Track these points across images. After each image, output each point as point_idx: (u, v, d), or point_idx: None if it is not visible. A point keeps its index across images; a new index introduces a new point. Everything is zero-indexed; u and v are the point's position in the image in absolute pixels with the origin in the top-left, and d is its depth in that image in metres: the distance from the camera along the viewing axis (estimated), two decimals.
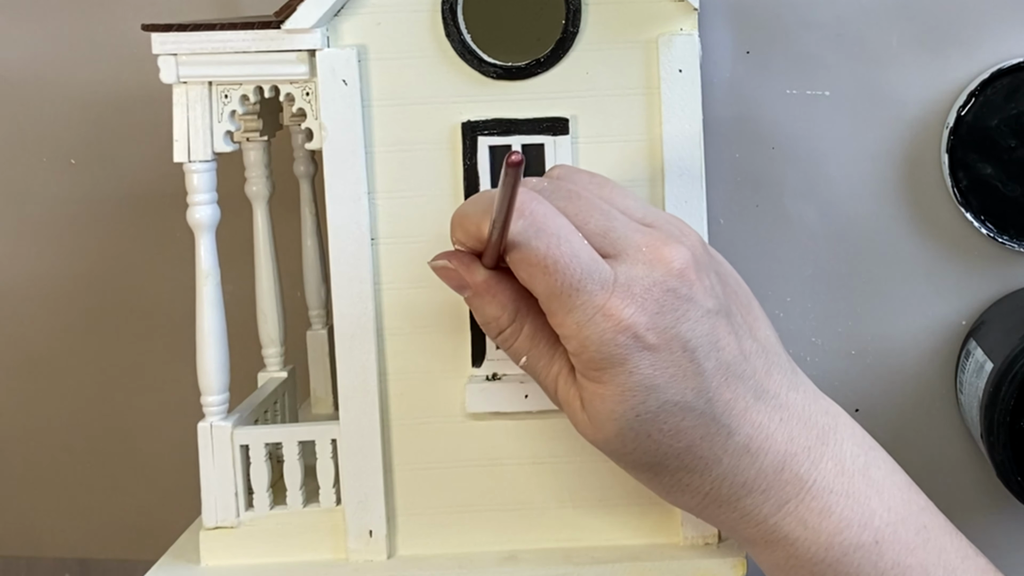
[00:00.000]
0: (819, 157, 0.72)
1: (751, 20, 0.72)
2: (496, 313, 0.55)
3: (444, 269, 0.55)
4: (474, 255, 0.55)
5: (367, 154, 0.61)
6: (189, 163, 0.61)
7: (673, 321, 0.52)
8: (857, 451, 0.55)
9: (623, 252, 0.53)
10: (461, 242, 0.55)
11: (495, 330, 0.55)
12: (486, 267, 0.55)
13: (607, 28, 0.60)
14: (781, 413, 0.54)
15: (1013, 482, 0.66)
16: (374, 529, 0.62)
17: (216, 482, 0.62)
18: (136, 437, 0.86)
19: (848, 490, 0.54)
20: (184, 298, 0.65)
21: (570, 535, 0.62)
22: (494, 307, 0.55)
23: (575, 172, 0.57)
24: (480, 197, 0.54)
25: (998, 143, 0.70)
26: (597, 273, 0.51)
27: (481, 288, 0.55)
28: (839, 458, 0.54)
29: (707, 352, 0.52)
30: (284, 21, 0.59)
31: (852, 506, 0.53)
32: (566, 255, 0.51)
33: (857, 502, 0.53)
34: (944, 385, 0.74)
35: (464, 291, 0.55)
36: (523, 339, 0.55)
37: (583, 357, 0.52)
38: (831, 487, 0.53)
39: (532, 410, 0.61)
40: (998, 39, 0.70)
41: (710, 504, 0.54)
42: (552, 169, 0.58)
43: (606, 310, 0.51)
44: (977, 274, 0.72)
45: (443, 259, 0.55)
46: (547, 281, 0.51)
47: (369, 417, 0.61)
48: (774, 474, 0.53)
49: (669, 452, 0.53)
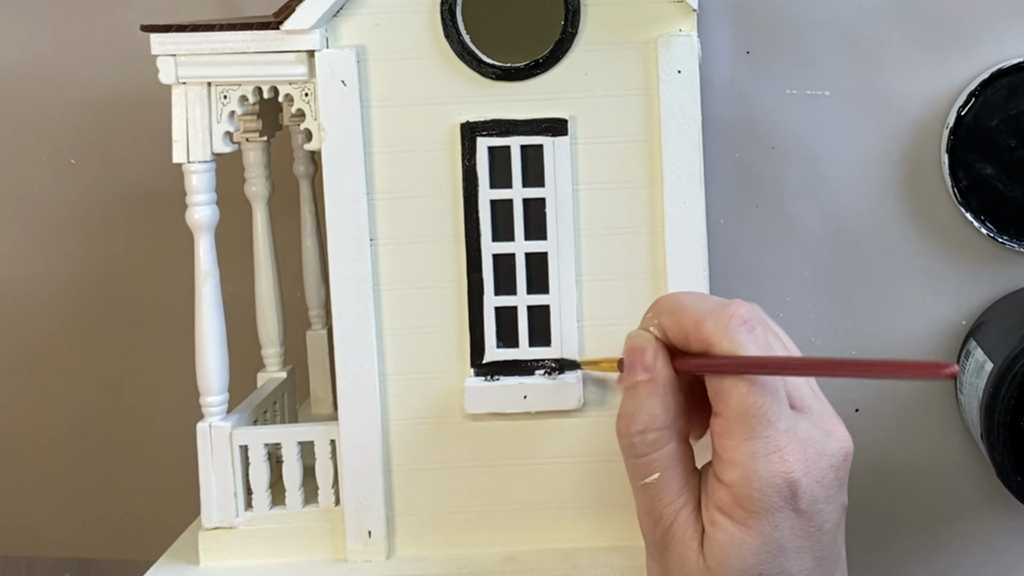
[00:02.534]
0: (819, 157, 0.72)
1: (751, 20, 0.72)
2: (656, 411, 0.52)
3: (646, 343, 0.53)
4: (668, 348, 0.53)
5: (366, 155, 0.61)
6: (188, 163, 0.61)
7: (824, 497, 0.51)
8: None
9: (808, 410, 0.52)
10: (663, 328, 0.53)
11: (642, 427, 0.52)
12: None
13: (606, 29, 0.60)
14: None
15: (1013, 482, 0.66)
16: (373, 529, 0.62)
17: (215, 482, 0.62)
18: (136, 437, 0.86)
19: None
20: (184, 298, 0.65)
21: (569, 536, 0.62)
22: (659, 404, 0.52)
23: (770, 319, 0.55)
24: (703, 297, 0.53)
25: (998, 143, 0.70)
26: (787, 417, 0.50)
27: (661, 378, 0.52)
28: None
29: (829, 541, 0.51)
30: (283, 22, 0.59)
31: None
32: (772, 384, 0.50)
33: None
34: (944, 385, 0.74)
35: (641, 374, 0.53)
36: (665, 453, 0.52)
37: (741, 491, 0.50)
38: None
39: (531, 411, 0.61)
40: (998, 39, 0.70)
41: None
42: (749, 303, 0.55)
43: (784, 453, 0.50)
44: (977, 274, 0.72)
45: (646, 337, 0.53)
46: (746, 398, 0.50)
47: (368, 417, 0.61)
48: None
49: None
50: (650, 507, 0.52)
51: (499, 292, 0.61)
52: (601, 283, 0.61)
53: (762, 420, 0.50)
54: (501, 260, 0.61)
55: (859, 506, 0.74)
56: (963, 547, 0.74)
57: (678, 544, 0.52)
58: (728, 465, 0.50)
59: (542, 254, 0.61)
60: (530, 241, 0.61)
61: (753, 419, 0.50)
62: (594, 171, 0.60)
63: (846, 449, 0.52)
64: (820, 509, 0.51)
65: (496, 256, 0.61)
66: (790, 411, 0.51)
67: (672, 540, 0.52)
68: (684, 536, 0.51)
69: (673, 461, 0.52)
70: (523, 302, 0.61)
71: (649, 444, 0.52)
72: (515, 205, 0.61)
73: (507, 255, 0.61)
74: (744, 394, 0.50)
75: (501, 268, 0.61)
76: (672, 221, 0.60)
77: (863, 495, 0.74)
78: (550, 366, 0.61)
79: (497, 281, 0.61)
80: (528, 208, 0.61)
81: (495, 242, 0.61)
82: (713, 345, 0.51)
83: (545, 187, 0.60)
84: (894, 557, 0.75)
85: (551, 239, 0.61)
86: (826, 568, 0.52)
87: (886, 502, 0.74)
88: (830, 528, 0.51)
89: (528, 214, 0.61)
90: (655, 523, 0.52)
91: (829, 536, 0.51)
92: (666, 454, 0.52)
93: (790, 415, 0.51)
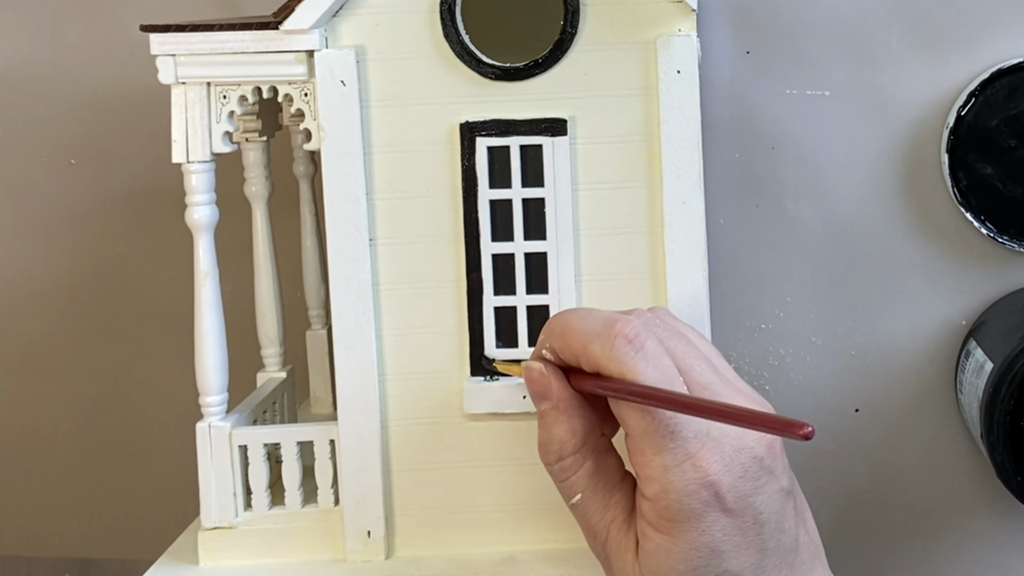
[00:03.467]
0: (819, 157, 0.72)
1: (751, 20, 0.72)
2: (564, 437, 0.53)
3: (538, 374, 0.54)
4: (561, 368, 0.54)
5: (365, 155, 0.61)
6: (188, 163, 0.61)
7: (752, 489, 0.50)
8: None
9: None
10: (555, 351, 0.54)
11: (555, 455, 0.53)
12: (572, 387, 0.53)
13: (605, 29, 0.60)
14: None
15: (1013, 482, 0.66)
16: (372, 529, 0.62)
17: (214, 482, 0.62)
18: (136, 437, 0.86)
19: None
20: (183, 298, 0.65)
21: (568, 536, 0.62)
22: (565, 429, 0.53)
23: (676, 318, 0.56)
24: (592, 315, 0.53)
25: (998, 143, 0.70)
26: (694, 422, 0.50)
27: (562, 405, 0.53)
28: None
29: (772, 530, 0.51)
30: (282, 22, 0.59)
31: None
32: None
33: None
34: (944, 385, 0.74)
35: (543, 403, 0.54)
36: (582, 475, 0.53)
37: (660, 504, 0.50)
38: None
39: (530, 411, 0.61)
40: (998, 39, 0.70)
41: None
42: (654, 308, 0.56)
43: (696, 460, 0.50)
44: (977, 274, 0.72)
45: (540, 365, 0.54)
46: (642, 417, 0.50)
47: (368, 417, 0.61)
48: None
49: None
50: (584, 524, 0.54)
51: (498, 292, 0.61)
52: (600, 283, 0.61)
53: (666, 434, 0.50)
54: (500, 260, 0.61)
55: (859, 506, 0.74)
56: (963, 547, 0.74)
57: (616, 556, 0.53)
58: (645, 481, 0.51)
59: (541, 254, 0.61)
60: (529, 241, 0.61)
61: (656, 434, 0.50)
62: (594, 171, 0.60)
63: (768, 437, 0.51)
64: (751, 503, 0.50)
65: (495, 256, 0.61)
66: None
67: (610, 553, 0.53)
68: (619, 548, 0.52)
69: (592, 480, 0.53)
70: (522, 302, 0.61)
71: (566, 469, 0.53)
72: (514, 205, 0.61)
73: (506, 255, 0.61)
74: (642, 414, 0.50)
75: (500, 268, 0.61)
76: (672, 221, 0.60)
77: (863, 495, 0.74)
78: None
79: (496, 281, 0.61)
80: (527, 208, 0.61)
81: (494, 242, 0.61)
82: (602, 368, 0.51)
83: (544, 187, 0.60)
84: (894, 557, 0.75)
85: (550, 239, 0.61)
86: (778, 557, 0.51)
87: (886, 502, 0.74)
88: (770, 517, 0.51)
89: (527, 214, 0.61)
90: (593, 538, 0.54)
91: (771, 525, 0.51)
92: (584, 475, 0.53)
93: (697, 421, 0.50)
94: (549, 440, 0.54)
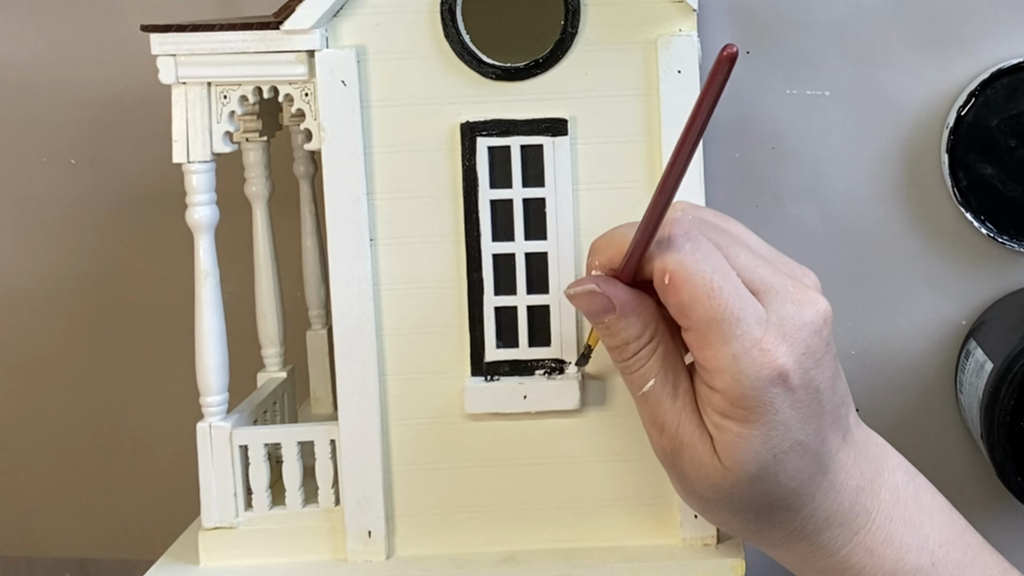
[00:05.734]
0: (819, 157, 0.72)
1: (751, 20, 0.72)
2: (638, 332, 0.53)
3: (590, 294, 0.53)
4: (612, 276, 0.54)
5: (366, 155, 0.61)
6: (188, 164, 0.61)
7: (813, 363, 0.52)
8: (907, 479, 0.56)
9: (771, 290, 0.52)
10: (603, 267, 0.54)
11: (634, 349, 0.53)
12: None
13: (606, 29, 0.60)
14: (855, 450, 0.55)
15: (1013, 482, 0.66)
16: (373, 529, 0.62)
17: (215, 482, 0.62)
18: (136, 437, 0.86)
19: (905, 517, 0.55)
20: (184, 298, 0.65)
21: (569, 536, 0.62)
22: (637, 327, 0.53)
23: (703, 208, 0.56)
24: (624, 227, 0.54)
25: (998, 143, 0.70)
26: (754, 308, 0.51)
27: (628, 307, 0.53)
28: (893, 487, 0.55)
29: (828, 395, 0.52)
30: (283, 22, 0.59)
31: (910, 532, 0.55)
32: (730, 283, 0.51)
33: (913, 528, 0.55)
34: (944, 385, 0.74)
35: (607, 315, 0.53)
36: (655, 361, 0.53)
37: (734, 393, 0.51)
38: (891, 515, 0.55)
39: (531, 411, 0.61)
40: (998, 39, 0.70)
41: (792, 539, 0.55)
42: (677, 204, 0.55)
43: (763, 344, 0.50)
44: (977, 274, 0.72)
45: (589, 283, 0.53)
46: (709, 306, 0.50)
47: (368, 417, 0.61)
48: (849, 507, 0.54)
49: (784, 492, 0.53)
50: (653, 416, 0.54)
51: (499, 292, 0.61)
52: None
53: (731, 320, 0.50)
54: (501, 260, 0.61)
55: None
56: None
57: (688, 448, 0.53)
58: (715, 373, 0.51)
59: (542, 254, 0.61)
60: (530, 241, 0.61)
61: (723, 323, 0.50)
62: (594, 171, 0.60)
63: (822, 310, 0.52)
64: (812, 376, 0.52)
65: (496, 256, 0.61)
66: (754, 300, 0.51)
67: (682, 445, 0.53)
68: (692, 439, 0.53)
69: (663, 364, 0.53)
70: (523, 302, 0.61)
71: (641, 359, 0.53)
72: (515, 205, 0.61)
73: (507, 255, 0.61)
74: (706, 301, 0.50)
75: (501, 268, 0.61)
76: None
77: None
78: (550, 366, 0.61)
79: (497, 281, 0.61)
80: (528, 208, 0.61)
81: (495, 242, 0.61)
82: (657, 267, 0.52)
83: (545, 187, 0.61)
84: None
85: (551, 239, 0.61)
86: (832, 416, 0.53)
87: None
88: (826, 385, 0.52)
89: (528, 214, 0.61)
90: (661, 432, 0.54)
91: (827, 392, 0.52)
92: (656, 360, 0.53)
93: (756, 304, 0.51)
94: (624, 343, 0.53)
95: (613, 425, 0.61)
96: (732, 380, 0.51)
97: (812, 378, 0.51)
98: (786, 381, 0.51)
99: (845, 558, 0.54)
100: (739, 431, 0.51)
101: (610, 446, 0.62)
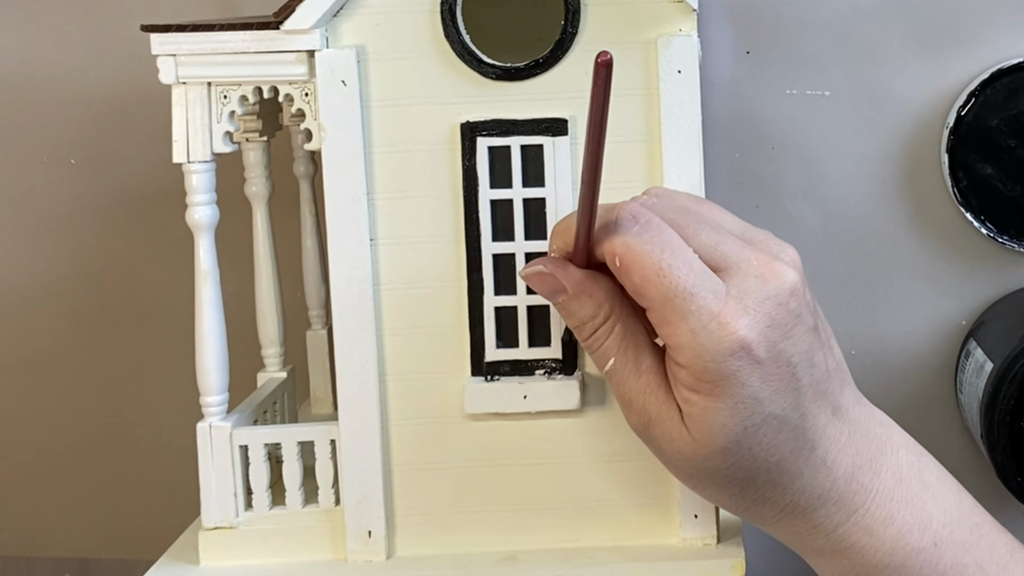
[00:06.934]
0: (819, 157, 0.72)
1: (751, 20, 0.72)
2: (592, 312, 0.54)
3: (539, 275, 0.55)
4: (565, 259, 0.55)
5: (366, 155, 0.61)
6: (188, 163, 0.61)
7: (781, 336, 0.52)
8: (911, 458, 0.56)
9: (733, 265, 0.52)
10: (561, 250, 0.55)
11: (590, 329, 0.54)
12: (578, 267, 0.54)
13: (606, 29, 0.60)
14: (850, 428, 0.55)
15: (1013, 482, 0.66)
16: (373, 529, 0.62)
17: (215, 482, 0.62)
18: (136, 437, 0.86)
19: (907, 496, 0.55)
20: (184, 298, 0.65)
21: (569, 536, 0.62)
22: (590, 307, 0.54)
23: (674, 191, 0.57)
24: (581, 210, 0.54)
25: (998, 143, 0.70)
26: (710, 282, 0.51)
27: (579, 287, 0.54)
28: (896, 467, 0.55)
29: (805, 368, 0.52)
30: (283, 22, 0.59)
31: (912, 511, 0.55)
32: (680, 260, 0.51)
33: (916, 507, 0.55)
34: (944, 385, 0.74)
35: (559, 295, 0.54)
36: (613, 340, 0.54)
37: (696, 367, 0.51)
38: (892, 495, 0.55)
39: (531, 411, 0.61)
40: (998, 39, 0.70)
41: (785, 516, 0.55)
42: (649, 189, 0.57)
43: (721, 318, 0.51)
44: (977, 274, 0.72)
45: (538, 265, 0.55)
46: (661, 284, 0.51)
47: (368, 417, 0.61)
48: (845, 485, 0.54)
49: (762, 466, 0.53)
50: (621, 394, 0.55)
51: (499, 292, 0.61)
52: None
53: (685, 296, 0.51)
54: (501, 260, 0.61)
55: None
56: None
57: (658, 423, 0.53)
58: (677, 349, 0.51)
59: (542, 254, 0.61)
60: (530, 241, 0.61)
61: (676, 299, 0.51)
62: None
63: (789, 282, 0.52)
64: (782, 349, 0.52)
65: (496, 256, 0.61)
66: (712, 277, 0.52)
67: (651, 420, 0.54)
68: (660, 415, 0.53)
69: (622, 343, 0.54)
70: (523, 302, 0.61)
71: (599, 338, 0.54)
72: (515, 205, 0.61)
73: (507, 255, 0.61)
74: (657, 280, 0.51)
75: (501, 268, 0.61)
76: None
77: None
78: (550, 366, 0.61)
79: (497, 281, 0.61)
80: (528, 208, 0.61)
81: (495, 242, 0.61)
82: (607, 251, 0.52)
83: (545, 187, 0.61)
84: None
85: None
86: (812, 390, 0.53)
87: None
88: (800, 358, 0.52)
89: (528, 214, 0.61)
90: (629, 408, 0.54)
91: (803, 364, 0.52)
92: (614, 339, 0.54)
93: (713, 279, 0.51)
94: (580, 322, 0.54)
95: (613, 425, 0.61)
96: (693, 355, 0.51)
97: (781, 350, 0.51)
98: (750, 353, 0.51)
99: (843, 537, 0.54)
100: (706, 404, 0.52)
101: (610, 446, 0.62)
